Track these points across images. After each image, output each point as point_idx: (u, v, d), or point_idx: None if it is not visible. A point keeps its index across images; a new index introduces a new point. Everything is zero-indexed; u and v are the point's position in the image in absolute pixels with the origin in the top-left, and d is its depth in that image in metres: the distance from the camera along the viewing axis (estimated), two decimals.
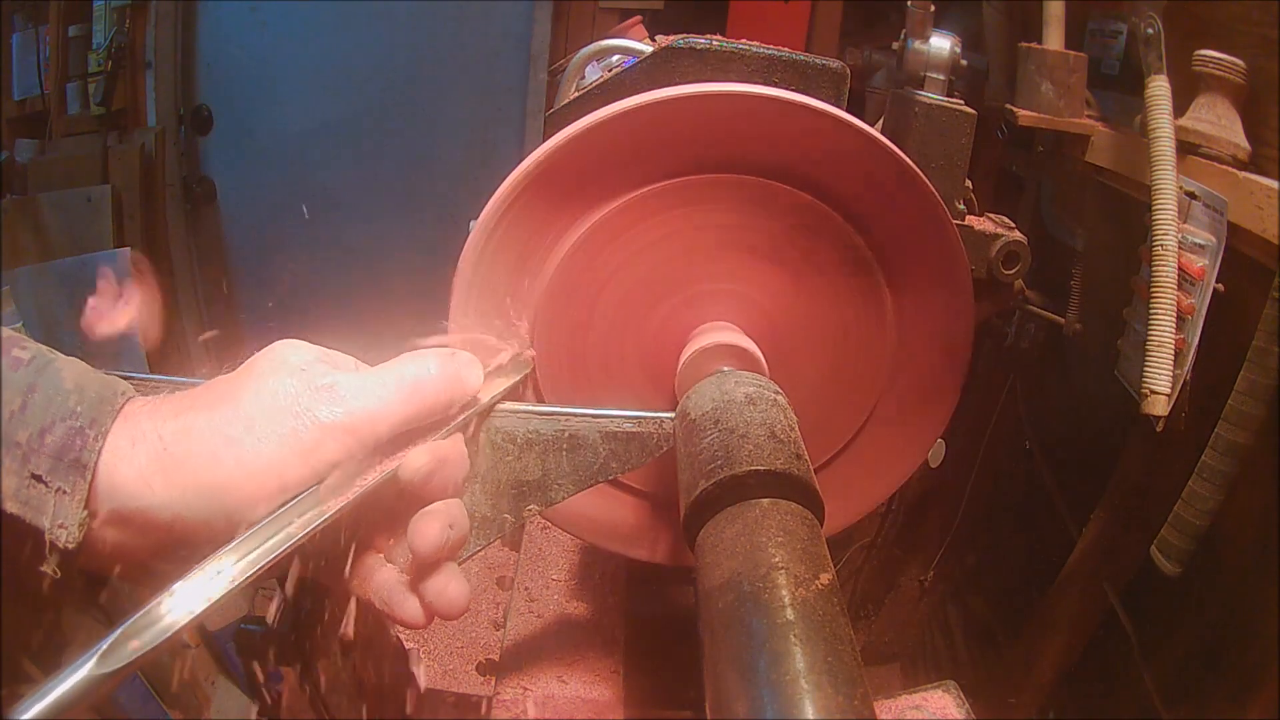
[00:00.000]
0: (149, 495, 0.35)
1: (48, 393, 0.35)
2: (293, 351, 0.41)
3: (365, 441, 0.39)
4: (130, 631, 0.32)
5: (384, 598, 0.43)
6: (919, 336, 0.62)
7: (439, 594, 0.42)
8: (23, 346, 0.36)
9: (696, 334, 0.60)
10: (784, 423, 0.45)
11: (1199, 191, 0.78)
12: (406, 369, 0.41)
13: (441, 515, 0.41)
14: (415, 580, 0.43)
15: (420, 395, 0.41)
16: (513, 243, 0.57)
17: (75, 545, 0.34)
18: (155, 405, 0.38)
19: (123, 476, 0.35)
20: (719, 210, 0.57)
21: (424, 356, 0.42)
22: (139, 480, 0.35)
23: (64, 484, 0.34)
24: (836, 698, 0.29)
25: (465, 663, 0.82)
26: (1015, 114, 1.02)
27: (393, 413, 0.40)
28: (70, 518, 0.34)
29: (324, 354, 0.42)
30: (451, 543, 0.42)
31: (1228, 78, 0.79)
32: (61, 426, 0.34)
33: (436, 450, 0.42)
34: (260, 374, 0.39)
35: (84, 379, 0.36)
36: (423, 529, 0.41)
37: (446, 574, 0.42)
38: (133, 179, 2.19)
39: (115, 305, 0.49)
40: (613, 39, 0.76)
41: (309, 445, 0.37)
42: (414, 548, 0.41)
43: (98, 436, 0.35)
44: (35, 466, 0.33)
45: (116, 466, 0.35)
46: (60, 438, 0.34)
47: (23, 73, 2.21)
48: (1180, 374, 0.75)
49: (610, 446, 0.47)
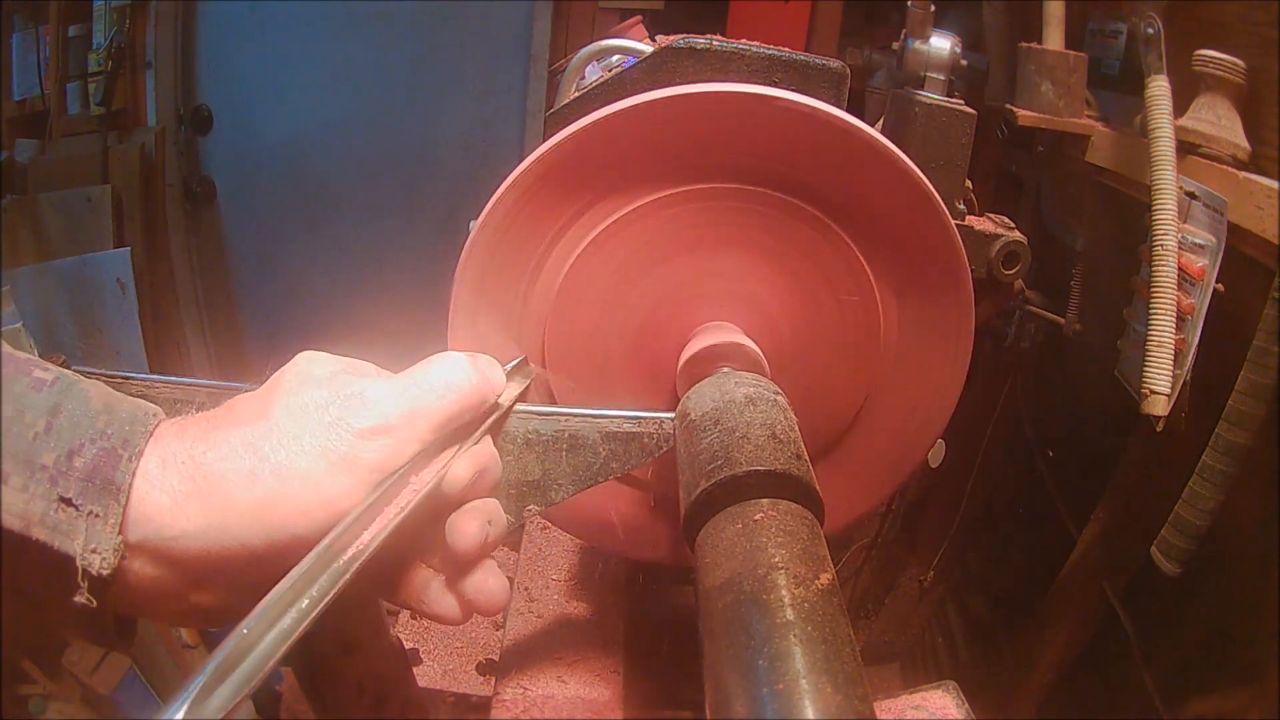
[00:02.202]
0: (184, 522, 0.34)
1: (74, 414, 0.33)
2: (316, 364, 0.40)
3: (404, 445, 0.38)
4: (214, 679, 0.29)
5: (422, 598, 0.43)
6: (919, 336, 0.62)
7: (479, 590, 0.42)
8: (45, 368, 0.34)
9: (696, 334, 0.59)
10: (784, 423, 0.45)
11: (1199, 191, 0.78)
12: (436, 370, 0.41)
13: (480, 512, 0.41)
14: (453, 578, 0.42)
15: (456, 395, 0.40)
16: (513, 243, 0.57)
17: (110, 572, 0.32)
18: (182, 426, 0.36)
19: (155, 504, 0.33)
20: (720, 209, 0.57)
21: (451, 358, 0.42)
22: (173, 507, 0.34)
23: (96, 507, 0.32)
24: (836, 698, 0.29)
25: (465, 663, 0.82)
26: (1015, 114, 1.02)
27: (430, 414, 0.39)
28: (104, 542, 0.32)
29: (347, 364, 0.41)
30: (491, 539, 0.41)
31: (1228, 78, 0.79)
32: (91, 448, 0.33)
33: (477, 458, 0.41)
34: (287, 389, 0.38)
35: (112, 400, 0.35)
36: (462, 527, 0.40)
37: (485, 570, 0.42)
38: (133, 179, 2.19)
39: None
40: (613, 39, 0.76)
41: (347, 454, 0.36)
42: (454, 546, 0.40)
43: (131, 457, 0.33)
44: (64, 490, 0.32)
45: (148, 493, 0.33)
46: (90, 459, 0.32)
47: (23, 73, 2.21)
48: (1180, 374, 0.76)
49: (610, 446, 0.47)
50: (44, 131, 2.21)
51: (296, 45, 2.29)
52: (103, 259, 2.10)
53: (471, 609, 0.43)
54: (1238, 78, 0.79)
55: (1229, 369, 0.74)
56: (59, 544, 0.31)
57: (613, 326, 0.60)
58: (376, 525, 0.37)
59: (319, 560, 0.34)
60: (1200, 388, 0.78)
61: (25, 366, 0.34)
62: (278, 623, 0.32)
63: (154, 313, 2.23)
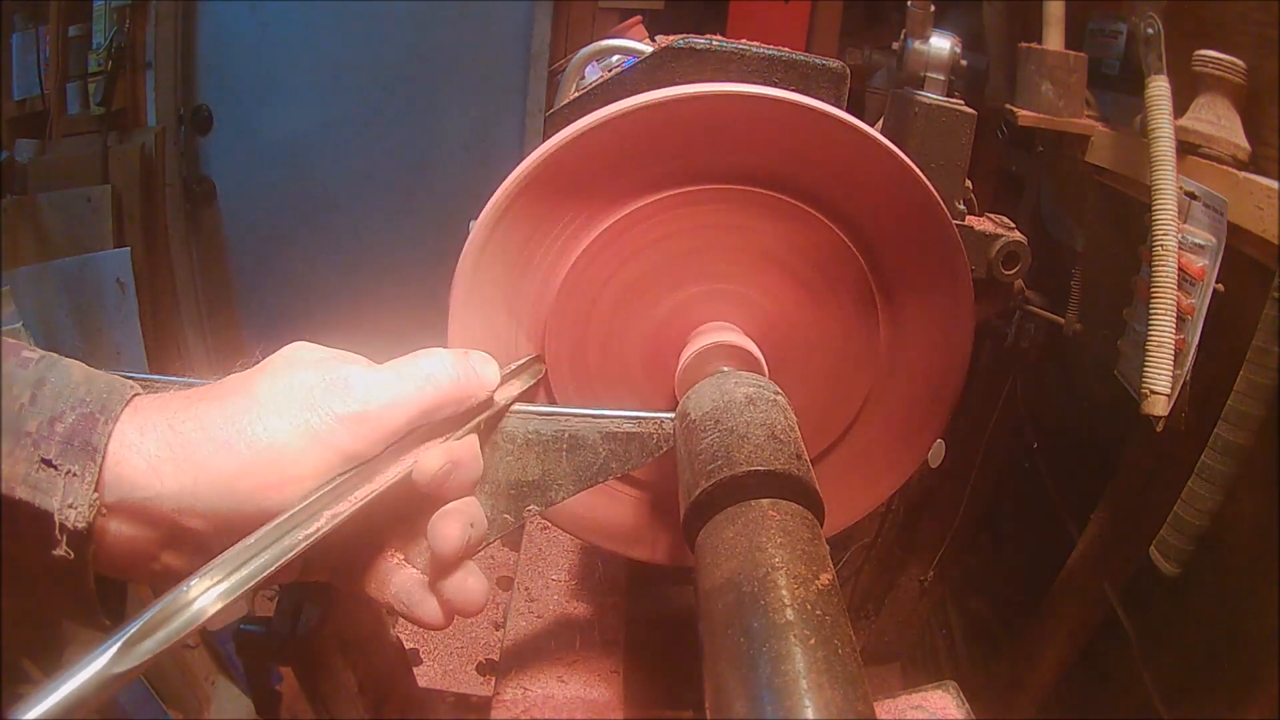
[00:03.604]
0: (157, 484, 0.35)
1: (57, 385, 0.35)
2: (306, 350, 0.42)
3: (380, 433, 0.39)
4: (146, 628, 0.32)
5: (403, 599, 0.43)
6: (919, 337, 0.62)
7: (458, 590, 0.42)
8: (31, 349, 0.36)
9: (697, 334, 0.59)
10: (784, 423, 0.45)
11: (1199, 191, 0.78)
12: (420, 363, 0.42)
13: (462, 514, 0.42)
14: (434, 580, 0.43)
15: (434, 389, 0.41)
16: (513, 243, 0.57)
17: (85, 525, 0.34)
18: (165, 399, 0.38)
19: (131, 466, 0.35)
20: (719, 210, 0.57)
21: (438, 353, 0.43)
22: (148, 470, 0.35)
23: (74, 466, 0.34)
24: (836, 698, 0.29)
25: (465, 663, 0.82)
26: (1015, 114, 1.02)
27: (408, 405, 0.40)
28: (80, 498, 0.34)
29: (336, 354, 0.42)
30: (472, 541, 0.42)
31: (1228, 78, 0.79)
32: (71, 414, 0.35)
33: (451, 452, 0.42)
34: (274, 370, 0.40)
35: (92, 374, 0.37)
36: (443, 529, 0.41)
37: (465, 571, 0.43)
38: (133, 179, 2.19)
39: None
40: (613, 39, 0.76)
41: (323, 436, 0.38)
42: (435, 548, 0.41)
43: (107, 421, 0.35)
44: (45, 452, 0.34)
45: (125, 457, 0.35)
46: (70, 424, 0.34)
47: (23, 73, 2.21)
48: (1180, 374, 0.75)
49: (610, 447, 0.47)
50: (44, 131, 2.21)
51: (296, 45, 2.29)
52: (103, 259, 2.10)
53: (452, 610, 0.43)
54: (1238, 78, 0.79)
55: (1229, 369, 0.74)
56: (39, 501, 0.33)
57: (613, 327, 0.60)
58: (339, 507, 0.37)
59: (272, 531, 0.36)
60: (1200, 388, 0.78)
61: (14, 348, 0.36)
62: (216, 587, 0.34)
63: (154, 313, 2.23)
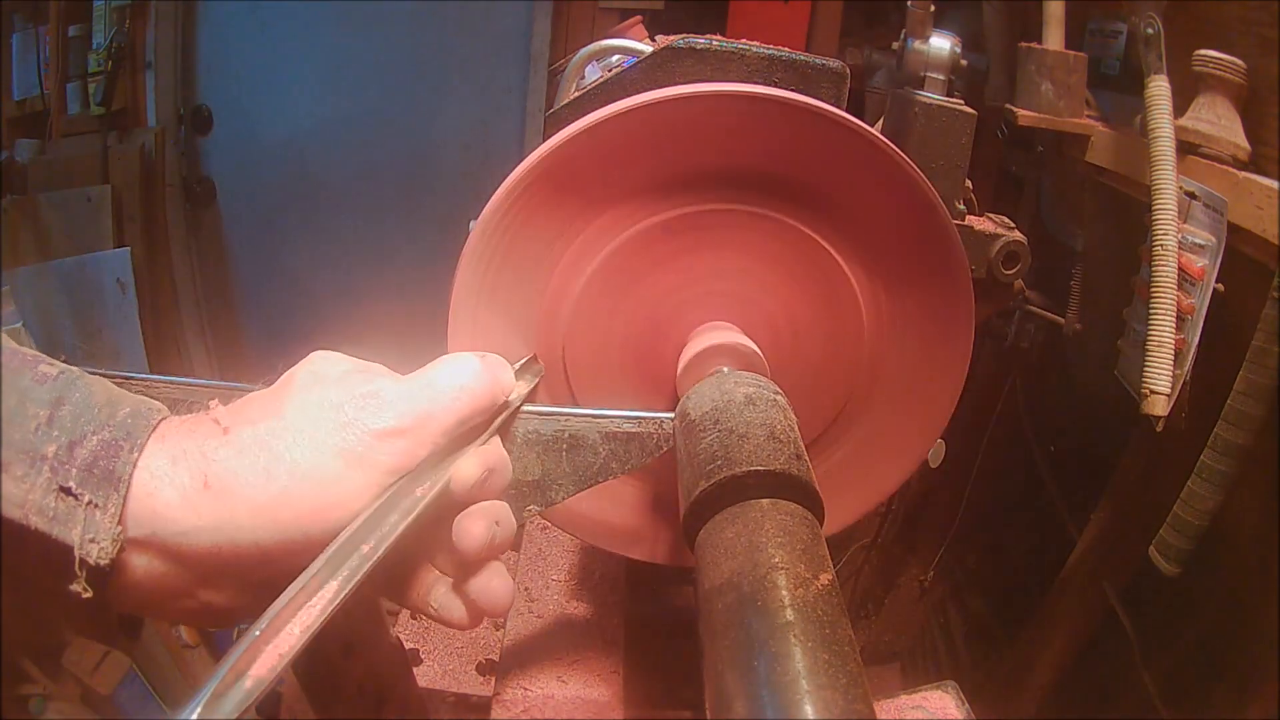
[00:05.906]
0: (194, 518, 0.33)
1: (77, 407, 0.33)
2: (328, 363, 0.40)
3: (420, 446, 0.38)
4: (228, 681, 0.29)
5: (429, 602, 0.43)
6: (919, 337, 0.62)
7: (483, 590, 0.42)
8: (50, 363, 0.34)
9: (696, 334, 0.60)
10: (784, 423, 0.45)
11: (1199, 191, 0.78)
12: (448, 370, 0.40)
13: (487, 514, 0.41)
14: (459, 581, 0.42)
15: (470, 397, 0.40)
16: (513, 243, 0.57)
17: (108, 562, 0.32)
18: (193, 423, 0.36)
19: (164, 501, 0.33)
20: (719, 210, 0.57)
21: (463, 359, 0.42)
22: (182, 503, 0.33)
23: (95, 497, 0.32)
24: (836, 698, 0.29)
25: (465, 663, 0.82)
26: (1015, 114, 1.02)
27: (445, 415, 0.39)
28: (102, 532, 0.32)
29: (358, 364, 0.41)
30: (498, 541, 0.41)
31: (1228, 78, 0.79)
32: (93, 439, 0.32)
33: (485, 458, 0.41)
34: (300, 386, 0.38)
35: (116, 395, 0.35)
36: (469, 528, 0.40)
37: (490, 571, 0.42)
38: (133, 179, 2.19)
39: None
40: (613, 39, 0.76)
41: (362, 454, 0.36)
42: (461, 548, 0.40)
43: (133, 449, 0.33)
44: (64, 479, 0.31)
45: (156, 489, 0.33)
46: (91, 450, 0.32)
47: (23, 73, 2.21)
48: (1180, 374, 0.76)
49: (610, 447, 0.47)
50: (44, 131, 2.21)
51: (296, 45, 2.29)
52: (103, 259, 2.10)
53: (478, 612, 0.42)
54: (1238, 78, 0.79)
55: (1229, 369, 0.74)
56: (57, 533, 0.31)
57: (614, 327, 0.60)
58: (387, 526, 0.36)
59: (331, 561, 0.34)
60: (1200, 388, 0.78)
61: (30, 361, 0.34)
62: (289, 624, 0.32)
63: (154, 313, 2.23)
